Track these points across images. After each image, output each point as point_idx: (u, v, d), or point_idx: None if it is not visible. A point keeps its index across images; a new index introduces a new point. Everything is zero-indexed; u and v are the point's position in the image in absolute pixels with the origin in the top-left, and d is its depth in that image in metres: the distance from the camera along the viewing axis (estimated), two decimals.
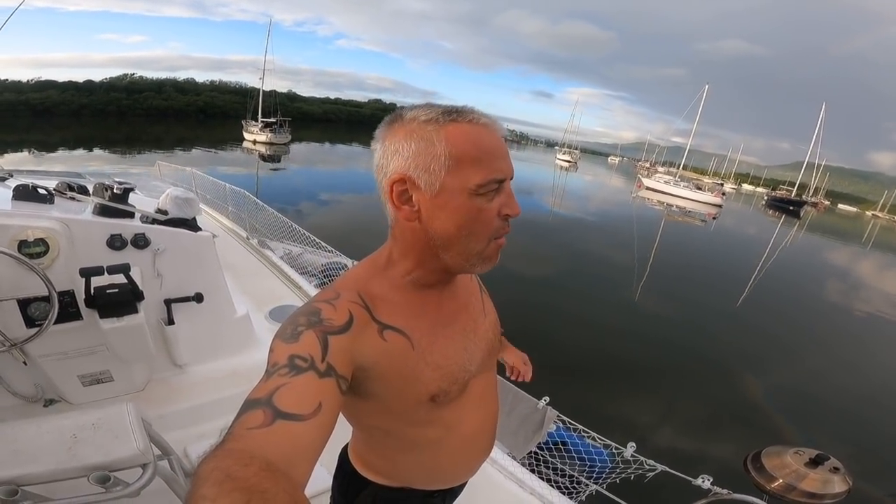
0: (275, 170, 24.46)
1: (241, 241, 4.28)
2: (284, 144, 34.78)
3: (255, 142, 33.71)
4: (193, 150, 29.50)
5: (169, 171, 8.67)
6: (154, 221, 2.00)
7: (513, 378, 1.14)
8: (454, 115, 0.63)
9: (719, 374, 6.54)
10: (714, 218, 29.18)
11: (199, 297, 2.01)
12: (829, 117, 49.84)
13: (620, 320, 7.88)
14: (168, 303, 1.97)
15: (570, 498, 1.92)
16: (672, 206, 30.61)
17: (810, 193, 67.01)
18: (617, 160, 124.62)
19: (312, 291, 3.23)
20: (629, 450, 1.84)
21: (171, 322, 1.98)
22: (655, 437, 4.63)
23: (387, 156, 0.64)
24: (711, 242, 20.77)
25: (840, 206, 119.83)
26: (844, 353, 8.75)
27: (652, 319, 8.32)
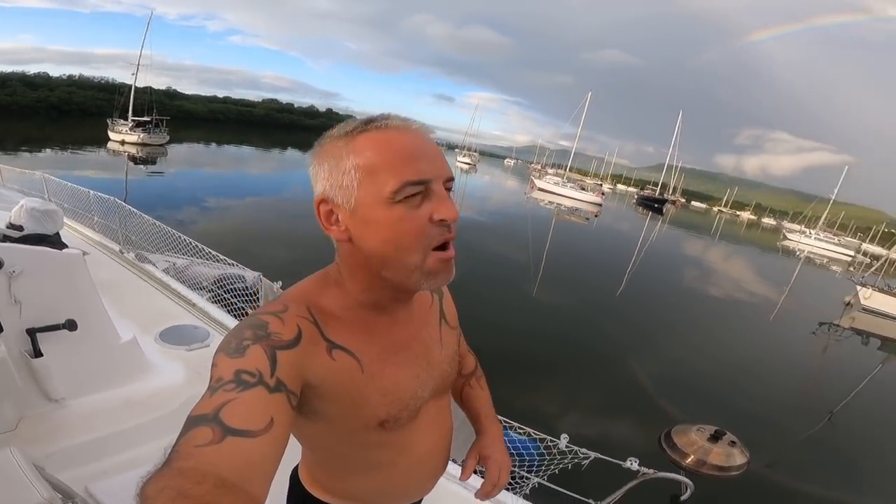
0: (150, 173, 21.92)
1: (113, 255, 3.81)
2: (161, 145, 31.28)
3: (123, 142, 29.82)
4: (43, 152, 25.25)
5: (13, 176, 7.37)
6: (6, 239, 1.76)
7: (462, 479, 0.93)
8: (367, 124, 0.61)
9: (612, 360, 7.24)
10: (596, 216, 32.41)
11: (71, 325, 1.79)
12: (685, 124, 57.84)
13: (522, 318, 8.38)
14: (32, 333, 1.73)
15: (515, 493, 1.94)
16: (561, 205, 33.34)
17: (670, 192, 77.12)
18: (512, 162, 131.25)
19: (209, 308, 2.99)
20: (563, 441, 1.88)
21: (38, 354, 1.74)
22: (573, 426, 4.96)
23: (312, 181, 0.64)
24: (595, 239, 23.02)
25: (693, 203, 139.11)
26: (708, 333, 10.28)
27: (549, 315, 8.99)
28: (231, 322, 2.77)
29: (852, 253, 46.08)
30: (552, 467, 1.96)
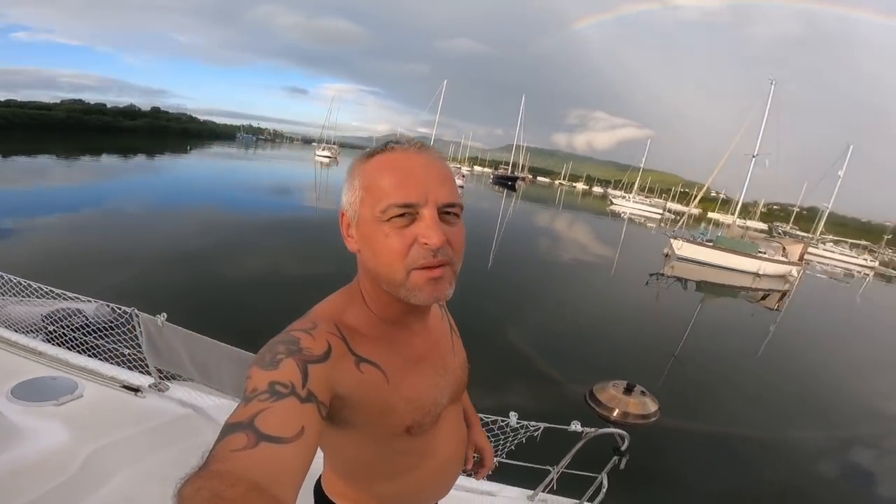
0: None
1: None
2: None
3: None
4: None
5: None
6: None
7: (468, 468, 1.07)
8: (382, 147, 0.68)
9: (494, 336, 7.54)
10: (460, 198, 33.95)
11: None
12: (528, 107, 63.12)
13: None
14: None
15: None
16: None
17: (520, 170, 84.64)
18: None
19: (64, 354, 2.36)
20: (513, 418, 1.93)
21: None
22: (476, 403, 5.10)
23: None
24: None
25: (539, 178, 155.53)
26: (567, 296, 11.49)
27: None
28: (100, 366, 2.30)
29: (661, 211, 56.23)
30: (508, 444, 2.02)
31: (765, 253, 19.46)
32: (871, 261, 37.95)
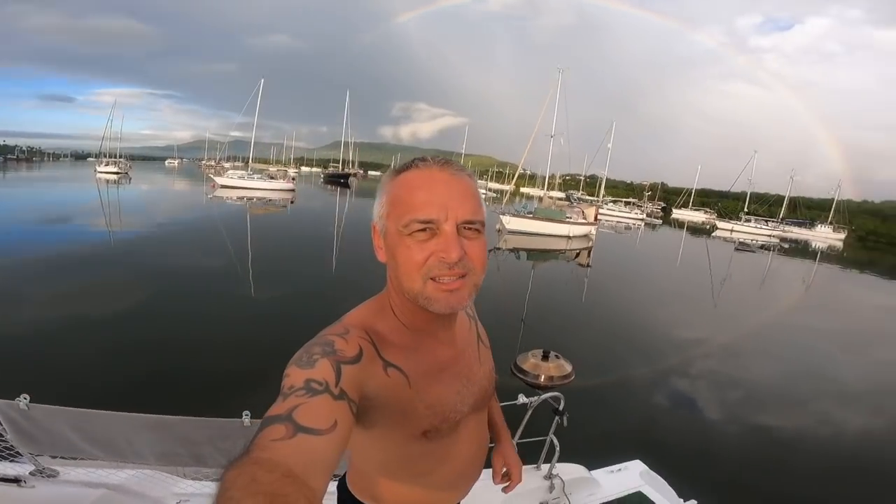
0: None
1: None
2: None
3: None
4: None
5: None
6: None
7: (497, 482, 1.11)
8: (409, 164, 0.74)
9: None
10: (292, 202, 32.01)
11: None
12: (353, 102, 61.79)
13: (253, 322, 7.53)
14: None
15: None
16: (252, 199, 31.22)
17: (350, 167, 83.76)
18: (176, 162, 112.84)
19: None
20: None
21: None
22: None
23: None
24: (297, 224, 22.81)
25: (370, 172, 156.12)
26: None
27: (280, 310, 8.36)
28: None
29: (484, 191, 61.96)
30: None
31: (571, 218, 23.08)
32: (640, 214, 48.46)
